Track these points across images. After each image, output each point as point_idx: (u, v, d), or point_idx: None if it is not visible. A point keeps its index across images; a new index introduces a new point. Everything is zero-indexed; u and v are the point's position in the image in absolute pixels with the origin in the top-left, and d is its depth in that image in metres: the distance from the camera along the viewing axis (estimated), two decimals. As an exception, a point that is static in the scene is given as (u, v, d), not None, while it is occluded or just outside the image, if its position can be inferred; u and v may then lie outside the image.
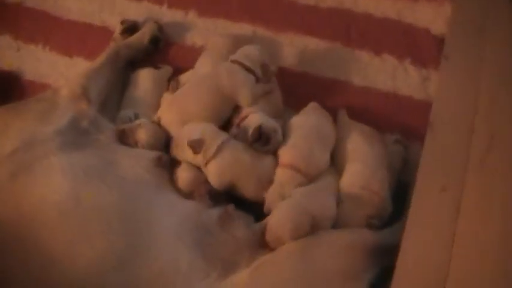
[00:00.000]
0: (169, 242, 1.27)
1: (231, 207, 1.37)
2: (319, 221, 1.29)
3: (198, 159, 1.44)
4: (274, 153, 1.46)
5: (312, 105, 1.55)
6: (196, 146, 1.42)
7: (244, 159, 1.42)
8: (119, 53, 1.75)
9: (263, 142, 1.41)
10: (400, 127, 1.58)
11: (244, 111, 1.53)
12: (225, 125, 1.56)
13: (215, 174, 1.43)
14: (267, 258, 1.24)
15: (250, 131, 1.42)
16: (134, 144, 1.49)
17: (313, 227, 1.28)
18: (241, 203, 1.42)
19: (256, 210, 1.41)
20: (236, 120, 1.53)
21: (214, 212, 1.36)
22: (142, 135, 1.49)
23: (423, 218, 1.24)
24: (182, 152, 1.46)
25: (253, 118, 1.47)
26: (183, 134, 1.47)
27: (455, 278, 1.10)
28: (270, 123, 1.45)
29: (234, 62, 1.61)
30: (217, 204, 1.39)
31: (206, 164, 1.43)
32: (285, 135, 1.47)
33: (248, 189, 1.43)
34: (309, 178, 1.41)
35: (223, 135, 1.45)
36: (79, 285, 1.20)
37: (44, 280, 1.20)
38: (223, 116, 1.57)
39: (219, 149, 1.42)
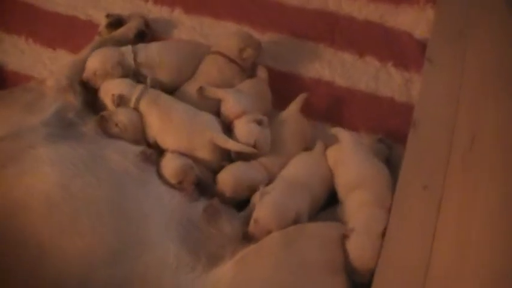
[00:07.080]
0: (158, 235, 1.27)
1: (216, 201, 1.38)
2: (300, 215, 1.32)
3: None
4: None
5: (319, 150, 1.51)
6: (117, 100, 1.53)
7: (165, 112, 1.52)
8: (104, 46, 1.73)
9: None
10: (381, 128, 1.60)
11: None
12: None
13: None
14: (251, 249, 1.25)
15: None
16: (114, 127, 1.49)
17: (296, 221, 1.30)
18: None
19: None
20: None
21: (200, 205, 1.36)
22: (122, 116, 1.51)
23: (405, 216, 1.27)
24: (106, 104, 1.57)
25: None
26: (104, 89, 1.58)
27: (435, 275, 1.13)
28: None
29: (215, 53, 1.68)
30: (204, 196, 1.40)
31: None
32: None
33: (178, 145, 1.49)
34: None
35: (139, 88, 1.55)
36: (70, 278, 1.18)
37: (36, 271, 1.18)
38: None
39: (137, 102, 1.53)
